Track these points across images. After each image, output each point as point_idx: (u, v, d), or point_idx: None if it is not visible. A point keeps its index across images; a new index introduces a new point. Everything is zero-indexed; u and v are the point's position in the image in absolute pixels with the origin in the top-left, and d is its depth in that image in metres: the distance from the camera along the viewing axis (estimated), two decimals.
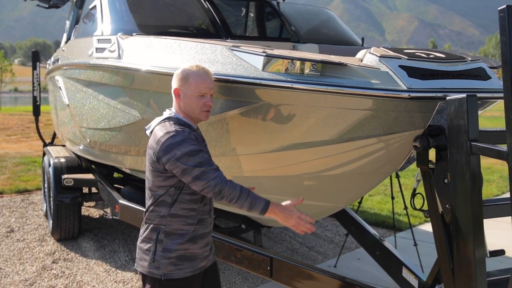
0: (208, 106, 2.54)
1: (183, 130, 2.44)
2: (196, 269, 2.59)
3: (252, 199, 2.39)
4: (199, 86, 2.50)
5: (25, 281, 4.84)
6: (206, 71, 2.56)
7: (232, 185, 2.38)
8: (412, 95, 2.46)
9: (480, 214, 2.32)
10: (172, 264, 2.51)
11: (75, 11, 6.83)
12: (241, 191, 2.38)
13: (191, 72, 2.53)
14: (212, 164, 2.42)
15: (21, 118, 20.19)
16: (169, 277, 2.52)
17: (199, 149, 2.41)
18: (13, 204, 7.75)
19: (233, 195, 2.37)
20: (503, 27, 2.00)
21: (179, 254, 2.52)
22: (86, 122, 4.94)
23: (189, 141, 2.40)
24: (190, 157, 2.37)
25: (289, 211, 2.43)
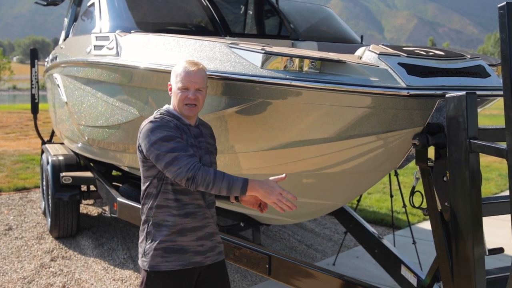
0: (190, 99, 2.51)
1: (163, 118, 2.49)
2: (188, 264, 2.53)
3: (229, 180, 2.34)
4: (182, 80, 2.52)
5: (23, 279, 4.83)
6: (195, 66, 2.55)
7: (205, 170, 2.33)
8: (411, 93, 2.45)
9: (479, 212, 2.31)
10: (159, 256, 2.50)
11: (73, 9, 6.81)
12: (216, 175, 2.33)
13: (179, 67, 2.56)
14: (187, 151, 2.38)
15: (19, 116, 20.15)
16: (156, 269, 2.50)
17: (175, 135, 2.40)
18: (12, 202, 7.74)
19: (208, 180, 2.32)
20: (503, 24, 1.99)
21: (166, 245, 2.50)
22: (85, 119, 4.93)
23: (164, 127, 2.42)
24: (163, 142, 2.38)
25: (270, 186, 2.36)
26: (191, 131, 2.57)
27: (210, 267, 2.64)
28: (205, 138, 2.65)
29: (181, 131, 2.50)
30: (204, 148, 2.59)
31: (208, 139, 2.68)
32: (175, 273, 2.52)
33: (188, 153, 2.37)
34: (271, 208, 3.91)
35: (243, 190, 2.35)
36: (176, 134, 2.43)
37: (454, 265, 2.48)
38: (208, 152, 2.62)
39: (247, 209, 4.16)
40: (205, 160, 2.57)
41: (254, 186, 2.36)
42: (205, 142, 2.63)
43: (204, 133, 2.67)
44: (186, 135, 2.52)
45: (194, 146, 2.53)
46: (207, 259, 2.61)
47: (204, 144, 2.61)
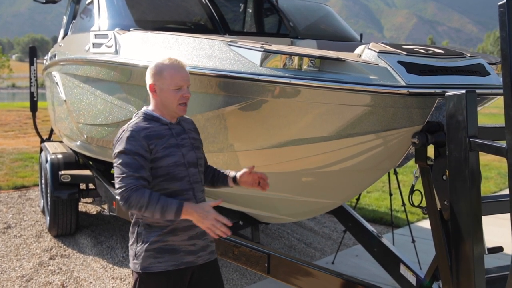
0: (186, 98, 2.50)
1: (137, 125, 2.45)
2: (181, 264, 2.51)
3: (163, 204, 2.29)
4: (174, 79, 2.47)
5: (22, 277, 4.82)
6: (180, 63, 2.52)
7: (140, 193, 2.29)
8: (410, 91, 2.45)
9: (478, 211, 2.31)
10: (151, 257, 2.47)
11: (72, 6, 6.80)
12: (150, 198, 2.28)
13: (165, 66, 2.49)
14: (138, 171, 2.33)
15: (18, 114, 20.14)
16: (148, 270, 2.47)
17: (135, 151, 2.35)
18: (10, 200, 7.73)
19: (141, 203, 2.29)
20: (503, 22, 1.99)
21: (158, 246, 2.47)
22: (83, 118, 4.92)
23: (131, 140, 2.38)
24: (121, 154, 2.37)
25: (205, 211, 2.30)
26: (173, 129, 2.53)
27: (203, 266, 2.61)
28: (189, 133, 2.60)
29: (157, 137, 2.44)
30: (188, 145, 2.54)
31: (192, 134, 2.62)
32: (168, 274, 2.49)
33: (136, 174, 2.32)
34: (269, 206, 3.92)
35: (178, 214, 2.31)
36: (139, 149, 2.37)
37: (454, 264, 2.47)
38: (194, 148, 2.57)
39: (246, 208, 4.16)
40: (190, 157, 2.53)
41: (188, 210, 2.31)
42: (188, 138, 2.57)
43: (187, 129, 2.61)
44: (164, 138, 2.46)
45: (175, 146, 2.48)
46: (199, 259, 2.58)
47: (188, 141, 2.56)
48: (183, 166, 2.49)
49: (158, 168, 2.44)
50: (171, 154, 2.46)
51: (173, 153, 2.46)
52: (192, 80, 3.14)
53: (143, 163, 2.36)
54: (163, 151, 2.44)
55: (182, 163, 2.49)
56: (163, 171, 2.44)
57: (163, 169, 2.44)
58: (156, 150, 2.42)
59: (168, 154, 2.45)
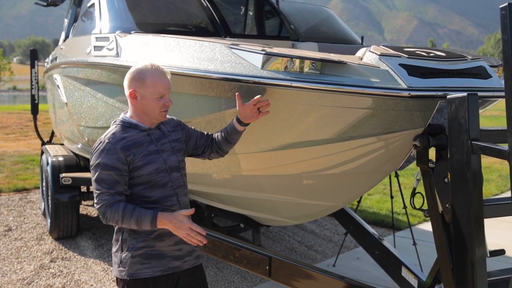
0: (167, 106, 2.49)
1: (114, 136, 2.42)
2: (167, 269, 2.50)
3: (137, 217, 2.32)
4: (157, 88, 2.44)
5: (22, 280, 4.82)
6: (162, 70, 2.49)
7: (115, 208, 2.33)
8: (412, 94, 2.44)
9: (480, 214, 2.30)
10: (138, 263, 2.46)
11: (74, 9, 6.80)
12: (124, 212, 2.32)
13: (147, 73, 2.45)
14: (113, 187, 2.35)
15: (19, 116, 20.14)
16: (136, 277, 2.46)
17: (112, 166, 2.35)
18: (11, 203, 7.73)
19: (116, 218, 2.34)
20: (505, 25, 1.98)
21: (144, 251, 2.46)
22: (85, 120, 4.92)
23: (107, 153, 2.37)
24: (97, 169, 2.38)
25: (179, 221, 2.31)
26: (152, 135, 2.50)
27: (189, 271, 2.60)
28: (168, 137, 2.57)
29: (135, 146, 2.42)
30: (168, 150, 2.52)
31: (172, 136, 2.59)
32: (155, 279, 2.48)
33: (111, 191, 2.35)
34: (270, 209, 3.91)
35: (153, 225, 2.33)
36: (115, 162, 2.36)
37: (456, 267, 2.47)
38: (174, 152, 2.54)
39: (247, 210, 4.16)
40: (171, 162, 2.51)
41: (163, 220, 2.33)
42: (168, 142, 2.55)
43: (167, 132, 2.58)
44: (143, 146, 2.44)
45: (155, 152, 2.46)
46: (185, 264, 2.57)
47: (168, 145, 2.54)
48: (164, 172, 2.47)
49: (138, 176, 2.43)
50: (151, 161, 2.44)
51: (153, 160, 2.44)
52: (193, 83, 3.15)
53: (118, 178, 2.37)
54: (142, 159, 2.42)
55: (163, 169, 2.47)
56: (143, 179, 2.43)
57: (144, 177, 2.43)
58: (134, 160, 2.41)
59: (149, 161, 2.43)
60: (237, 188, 3.75)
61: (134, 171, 2.41)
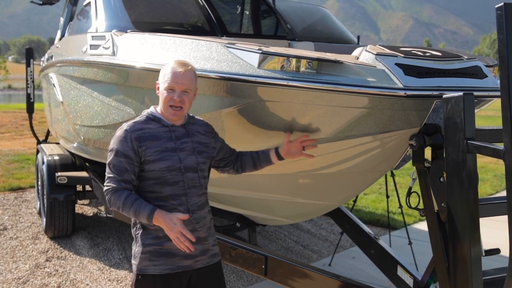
0: (175, 101, 2.46)
1: (134, 125, 2.47)
2: (177, 268, 2.50)
3: (136, 208, 2.36)
4: (168, 80, 2.47)
5: (18, 279, 4.80)
6: (183, 67, 2.49)
7: (118, 195, 2.39)
8: (408, 93, 2.45)
9: (476, 213, 2.31)
10: (147, 259, 2.49)
11: (69, 8, 6.79)
12: (125, 201, 2.37)
13: (168, 67, 2.51)
14: (121, 174, 2.41)
15: (14, 115, 20.08)
16: (144, 272, 2.50)
17: (123, 153, 2.41)
18: (6, 202, 7.71)
19: (118, 204, 2.40)
20: (500, 25, 1.99)
21: (153, 249, 2.48)
22: (80, 119, 4.91)
23: (122, 139, 2.43)
24: (111, 153, 2.45)
25: (172, 223, 2.33)
26: (174, 132, 2.51)
27: (203, 270, 2.59)
28: (193, 137, 2.56)
29: (151, 139, 2.44)
30: (188, 149, 2.51)
31: (198, 138, 2.58)
32: (164, 277, 2.49)
33: (118, 177, 2.41)
34: (267, 208, 3.91)
35: (149, 219, 2.37)
36: (127, 150, 2.41)
37: (451, 266, 2.48)
38: (194, 152, 2.53)
39: (243, 210, 4.16)
40: (189, 162, 2.50)
41: (158, 218, 2.36)
42: (191, 142, 2.54)
43: (193, 132, 2.58)
44: (160, 141, 2.45)
45: (171, 150, 2.46)
46: (197, 263, 2.56)
47: (189, 145, 2.53)
48: (177, 171, 2.46)
49: (149, 171, 2.44)
50: (164, 158, 2.44)
51: (167, 158, 2.44)
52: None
53: (127, 166, 2.41)
54: (155, 154, 2.43)
55: (177, 168, 2.46)
56: (155, 174, 2.45)
57: (155, 173, 2.44)
58: (146, 153, 2.42)
59: (161, 158, 2.43)
60: (233, 187, 3.75)
61: (145, 164, 2.44)
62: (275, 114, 2.89)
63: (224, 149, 2.80)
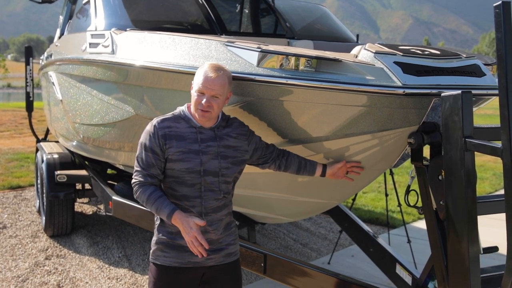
0: (204, 106, 2.46)
1: (164, 121, 2.52)
2: (187, 262, 2.54)
3: (158, 206, 2.45)
4: (199, 83, 2.48)
5: (17, 277, 4.81)
6: (213, 71, 2.49)
7: (143, 190, 2.48)
8: (407, 92, 2.45)
9: (474, 211, 2.32)
10: (159, 250, 2.58)
11: (69, 6, 6.79)
12: (149, 197, 2.46)
13: (202, 69, 2.53)
14: (147, 169, 2.49)
15: (14, 114, 20.06)
16: (156, 261, 2.59)
17: (150, 147, 2.48)
18: (6, 200, 7.71)
19: (142, 199, 2.50)
20: (499, 23, 2.00)
21: (166, 241, 2.56)
22: (80, 117, 4.92)
23: (151, 135, 2.49)
24: (140, 147, 2.53)
25: (189, 227, 2.40)
26: (201, 134, 2.52)
27: (217, 268, 2.62)
28: (220, 141, 2.56)
29: (176, 138, 2.47)
30: (212, 153, 2.51)
31: (226, 142, 2.58)
32: (173, 269, 2.56)
33: (145, 172, 2.49)
34: (266, 206, 3.92)
35: (168, 218, 2.45)
36: (154, 145, 2.47)
37: (449, 264, 2.48)
38: (219, 157, 2.52)
39: (242, 208, 4.16)
40: (211, 166, 2.50)
41: (176, 219, 2.43)
42: (216, 146, 2.53)
43: (221, 136, 2.57)
44: (185, 141, 2.47)
45: (194, 152, 2.47)
46: (209, 261, 2.58)
47: (214, 149, 2.52)
48: (196, 174, 2.48)
49: (170, 169, 2.50)
50: (185, 159, 2.47)
51: (188, 159, 2.47)
52: (189, 80, 3.14)
53: (154, 161, 2.49)
54: (178, 155, 2.47)
55: (196, 171, 2.48)
56: (174, 173, 2.50)
57: (174, 172, 2.50)
58: (170, 152, 2.47)
59: (183, 159, 2.47)
60: None
61: (167, 162, 2.50)
62: (274, 112, 2.89)
63: (260, 149, 2.80)
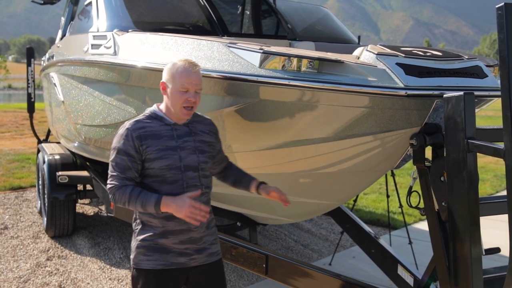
0: (190, 102, 2.46)
1: (136, 123, 2.49)
2: (171, 264, 2.52)
3: (142, 199, 2.40)
4: (182, 81, 2.45)
5: (19, 278, 4.81)
6: (193, 66, 2.49)
7: (122, 191, 2.43)
8: (409, 93, 2.46)
9: (476, 212, 2.32)
10: (141, 254, 2.53)
11: (70, 8, 6.80)
12: (131, 194, 2.41)
13: (177, 66, 2.48)
14: (124, 172, 2.44)
15: (15, 115, 20.08)
16: (139, 267, 2.54)
17: (124, 151, 2.44)
18: (7, 201, 7.72)
19: (123, 199, 2.43)
20: (501, 25, 2.00)
21: (148, 244, 2.51)
22: (81, 118, 4.92)
23: (125, 138, 2.45)
24: (114, 152, 2.48)
25: (182, 200, 2.37)
26: (176, 131, 2.51)
27: (201, 268, 2.60)
28: (196, 136, 2.55)
29: (152, 138, 2.46)
30: (189, 148, 2.51)
31: (201, 137, 2.58)
32: (157, 272, 2.51)
33: (121, 175, 2.45)
34: (267, 207, 3.92)
35: (157, 207, 2.39)
36: (129, 149, 2.44)
37: (452, 265, 2.49)
38: (196, 151, 2.53)
39: (244, 209, 4.17)
40: (190, 161, 2.49)
41: (166, 202, 2.38)
42: (193, 141, 2.54)
43: (196, 131, 2.58)
44: (162, 139, 2.47)
45: (172, 148, 2.47)
46: (192, 261, 2.56)
47: (191, 144, 2.53)
48: (177, 170, 2.47)
49: (149, 169, 2.47)
50: (164, 157, 2.45)
51: (167, 156, 2.45)
52: None
53: (130, 164, 2.45)
54: (156, 153, 2.45)
55: (176, 167, 2.47)
56: (154, 172, 2.47)
57: (154, 171, 2.46)
58: (147, 151, 2.45)
59: (161, 157, 2.45)
60: None
61: (146, 162, 2.46)
62: (276, 113, 2.90)
63: (220, 154, 2.79)
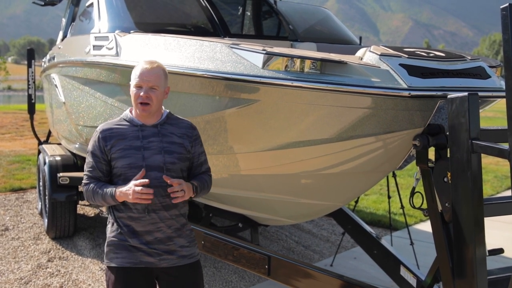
0: (143, 98, 2.49)
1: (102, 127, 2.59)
2: (140, 262, 2.54)
3: (102, 194, 2.50)
4: (135, 77, 2.54)
5: (20, 279, 4.81)
6: (148, 64, 2.55)
7: (87, 188, 2.56)
8: (412, 94, 2.46)
9: (480, 213, 2.32)
10: (111, 252, 2.60)
11: (71, 9, 6.79)
12: (94, 191, 2.53)
13: (137, 66, 2.57)
14: (91, 172, 2.56)
15: (15, 116, 20.05)
16: (109, 264, 2.60)
17: (92, 151, 2.57)
18: (8, 203, 7.70)
19: (89, 195, 2.56)
20: (505, 25, 2.00)
21: (117, 242, 2.57)
22: (83, 120, 4.92)
23: (93, 140, 2.59)
24: (88, 154, 2.61)
25: (128, 186, 2.43)
26: (142, 131, 2.53)
27: (170, 270, 2.59)
28: (164, 137, 2.54)
29: (118, 138, 2.52)
30: (154, 149, 2.50)
31: (170, 139, 2.55)
32: (127, 270, 2.55)
33: (89, 174, 2.57)
34: (269, 208, 3.92)
35: (114, 200, 2.49)
36: (95, 149, 2.55)
37: (455, 266, 2.48)
38: (162, 152, 2.51)
39: (245, 210, 4.17)
40: (153, 161, 2.49)
41: (118, 192, 2.47)
42: (159, 141, 2.52)
43: (165, 133, 2.56)
44: (126, 140, 2.51)
45: (135, 148, 2.49)
46: (162, 261, 2.56)
47: (157, 144, 2.51)
48: (138, 169, 2.47)
49: (114, 168, 2.55)
50: (126, 156, 2.50)
51: (129, 155, 2.50)
52: (193, 82, 3.16)
53: (96, 164, 2.56)
54: (119, 152, 2.52)
55: (139, 166, 2.48)
56: (118, 171, 2.54)
57: (118, 170, 2.54)
58: (112, 151, 2.53)
59: (124, 156, 2.51)
60: (236, 187, 3.76)
61: (112, 161, 2.55)
62: (279, 114, 2.90)
63: (195, 161, 2.68)
